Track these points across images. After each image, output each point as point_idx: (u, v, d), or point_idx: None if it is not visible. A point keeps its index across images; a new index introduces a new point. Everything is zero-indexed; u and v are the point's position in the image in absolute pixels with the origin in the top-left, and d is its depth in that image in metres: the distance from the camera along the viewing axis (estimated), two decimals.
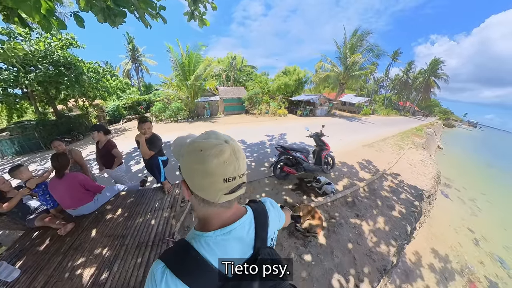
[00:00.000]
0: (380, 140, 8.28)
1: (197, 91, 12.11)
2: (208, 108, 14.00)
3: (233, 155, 0.41)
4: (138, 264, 1.54)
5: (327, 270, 2.05)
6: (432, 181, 4.73)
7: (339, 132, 9.17)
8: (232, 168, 0.40)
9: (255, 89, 14.88)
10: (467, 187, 7.67)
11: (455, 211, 5.68)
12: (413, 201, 3.53)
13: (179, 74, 11.35)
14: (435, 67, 27.67)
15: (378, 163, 5.17)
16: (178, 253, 0.43)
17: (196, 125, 10.62)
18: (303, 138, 6.63)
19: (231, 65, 20.53)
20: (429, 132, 14.50)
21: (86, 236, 1.87)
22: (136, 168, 4.42)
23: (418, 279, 2.98)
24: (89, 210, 2.15)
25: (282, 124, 10.89)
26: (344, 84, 17.78)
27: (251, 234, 0.49)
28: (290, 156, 3.56)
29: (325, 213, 2.86)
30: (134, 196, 2.47)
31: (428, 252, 3.67)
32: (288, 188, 3.52)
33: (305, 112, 15.67)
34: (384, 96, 34.57)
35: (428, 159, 6.54)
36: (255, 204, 0.57)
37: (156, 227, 1.94)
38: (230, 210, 0.47)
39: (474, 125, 58.88)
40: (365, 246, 2.40)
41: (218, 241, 0.44)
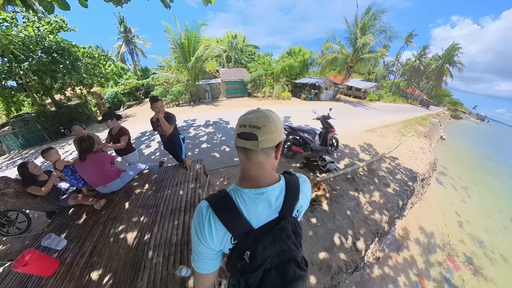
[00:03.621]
0: (383, 126, 8.67)
1: (198, 74, 11.85)
2: (210, 91, 13.90)
3: (254, 113, 0.53)
4: (176, 225, 1.78)
5: (330, 230, 2.54)
6: (428, 167, 5.21)
7: (343, 117, 9.53)
8: (249, 118, 0.52)
9: (258, 71, 14.58)
10: (461, 177, 8.25)
11: (446, 197, 6.26)
12: (407, 181, 4.01)
13: (178, 55, 10.99)
14: (451, 53, 26.65)
15: (378, 147, 5.59)
16: (219, 198, 0.55)
17: (200, 109, 10.73)
18: (307, 121, 6.91)
19: (232, 45, 19.66)
20: (434, 122, 14.83)
21: (120, 208, 2.07)
22: (148, 151, 4.73)
23: (404, 250, 3.58)
24: (118, 186, 2.36)
25: (286, 108, 11.09)
26: (352, 68, 17.40)
27: (279, 201, 0.56)
28: (298, 136, 3.88)
29: (328, 186, 3.31)
30: (157, 173, 2.70)
31: (416, 229, 4.23)
32: (296, 166, 3.94)
33: (310, 96, 15.70)
34: (393, 82, 34.01)
35: (428, 147, 6.99)
36: (290, 176, 0.63)
37: (185, 196, 2.17)
38: (258, 168, 0.55)
39: (482, 118, 59.10)
40: (362, 214, 2.90)
41: (252, 197, 0.54)
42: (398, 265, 3.25)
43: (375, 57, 16.73)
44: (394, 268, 3.17)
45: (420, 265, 3.42)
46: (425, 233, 4.24)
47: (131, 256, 1.54)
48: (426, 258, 3.63)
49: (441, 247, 4.08)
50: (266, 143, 0.51)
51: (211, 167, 3.75)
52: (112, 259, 1.53)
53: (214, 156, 4.37)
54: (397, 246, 3.61)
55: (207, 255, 0.55)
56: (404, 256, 3.45)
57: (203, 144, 5.05)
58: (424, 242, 4.01)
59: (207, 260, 0.56)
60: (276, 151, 0.57)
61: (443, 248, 4.06)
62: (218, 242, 0.53)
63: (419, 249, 3.77)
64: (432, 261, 3.63)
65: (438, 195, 6.07)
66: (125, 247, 1.62)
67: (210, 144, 5.05)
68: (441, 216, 5.10)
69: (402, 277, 3.07)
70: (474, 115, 62.65)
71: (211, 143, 5.15)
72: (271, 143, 0.53)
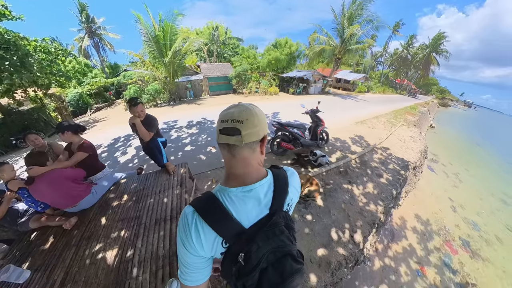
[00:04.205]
0: (373, 117, 9.17)
1: (177, 70, 11.53)
2: (191, 88, 13.63)
3: (236, 107, 0.55)
4: (161, 236, 1.75)
5: (326, 225, 2.63)
6: (419, 155, 5.57)
7: (333, 110, 9.92)
8: (230, 113, 0.53)
9: (242, 65, 14.61)
10: (452, 163, 8.92)
11: (439, 183, 6.73)
12: (399, 170, 4.27)
13: (153, 50, 10.59)
14: (438, 42, 28.65)
15: (369, 138, 5.89)
16: (205, 201, 0.55)
17: (181, 108, 10.50)
18: (296, 116, 7.09)
19: (213, 38, 19.46)
20: (423, 110, 15.85)
21: (96, 225, 1.97)
22: (124, 159, 4.55)
23: (402, 239, 3.82)
24: (90, 203, 2.19)
25: (274, 103, 11.24)
26: (340, 59, 18.07)
27: (268, 196, 0.57)
28: (287, 132, 3.97)
29: (321, 181, 3.42)
30: (136, 182, 2.60)
31: (412, 217, 4.53)
32: (287, 163, 4.02)
33: (298, 90, 16.03)
34: (381, 72, 35.78)
35: (418, 135, 7.47)
36: (277, 169, 0.65)
37: (170, 203, 2.13)
38: (244, 164, 0.56)
39: (469, 105, 64.40)
40: (357, 206, 3.04)
41: (239, 196, 0.54)
42: (398, 255, 3.46)
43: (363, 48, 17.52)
44: (394, 258, 3.37)
45: (420, 253, 3.66)
46: (421, 220, 4.54)
47: (112, 277, 1.47)
48: (424, 245, 3.89)
49: (437, 233, 4.39)
50: (250, 137, 0.52)
51: (197, 171, 3.72)
52: (89, 285, 1.45)
53: (199, 158, 4.32)
54: (395, 236, 3.83)
55: (196, 265, 0.55)
56: (403, 245, 3.68)
57: (187, 147, 4.98)
58: (421, 229, 4.29)
59: (197, 270, 0.55)
60: (261, 145, 0.58)
61: (439, 234, 4.37)
62: (208, 248, 0.53)
63: (417, 237, 4.03)
64: (431, 247, 3.91)
65: (430, 182, 6.50)
66: (104, 268, 1.54)
67: (195, 146, 4.99)
68: (435, 203, 5.48)
69: (403, 266, 3.27)
70: (461, 102, 67.79)
71: (196, 145, 5.10)
72: (255, 137, 0.54)
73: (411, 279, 3.13)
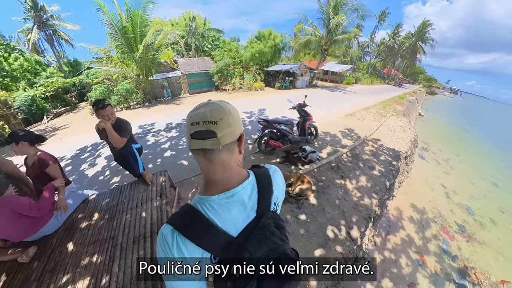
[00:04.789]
0: (363, 109, 9.56)
1: (150, 66, 11.12)
2: (168, 87, 13.25)
3: (206, 106, 0.52)
4: (142, 256, 1.67)
5: (321, 224, 2.69)
6: (409, 144, 5.89)
7: (321, 103, 10.19)
8: (200, 113, 0.50)
9: (224, 60, 14.48)
10: (442, 150, 9.54)
11: (431, 171, 7.15)
12: (391, 161, 4.48)
13: (121, 44, 10.04)
14: (423, 30, 30.46)
15: (359, 130, 6.13)
16: (185, 216, 0.52)
17: (158, 110, 10.15)
18: (284, 112, 7.17)
19: (190, 29, 19.01)
20: (411, 100, 16.81)
21: (61, 253, 1.80)
22: (93, 171, 4.30)
23: (400, 230, 4.00)
24: (53, 228, 2.01)
25: (260, 99, 11.28)
26: (327, 51, 18.60)
27: (253, 198, 0.57)
28: (275, 129, 4.00)
29: (313, 178, 3.49)
30: (109, 197, 2.46)
31: (408, 207, 4.77)
32: (276, 161, 4.05)
33: (285, 84, 16.24)
34: (369, 63, 37.40)
35: (407, 125, 7.91)
36: (259, 169, 0.65)
37: (150, 218, 2.04)
38: (223, 168, 0.55)
39: (455, 92, 69.99)
40: (351, 201, 3.14)
41: (222, 203, 0.53)
42: (397, 247, 3.62)
43: (349, 38, 18.17)
44: (394, 250, 3.53)
45: (418, 242, 3.87)
46: (417, 209, 4.79)
47: None
48: (422, 234, 4.12)
49: (434, 220, 4.67)
50: (227, 139, 0.51)
51: (179, 178, 3.63)
52: None
53: (181, 164, 4.22)
54: (393, 228, 4.02)
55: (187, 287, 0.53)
56: (401, 236, 3.86)
57: (167, 152, 4.84)
58: (418, 218, 4.53)
59: None
60: (238, 145, 0.57)
61: (436, 221, 4.65)
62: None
63: (414, 226, 4.25)
64: (428, 235, 4.15)
65: (423, 170, 6.88)
66: None
67: (175, 151, 4.86)
68: (429, 191, 5.82)
69: (403, 258, 3.43)
70: (448, 90, 73.09)
71: (176, 149, 4.97)
72: (232, 137, 0.53)
73: (412, 270, 3.29)
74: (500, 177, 8.00)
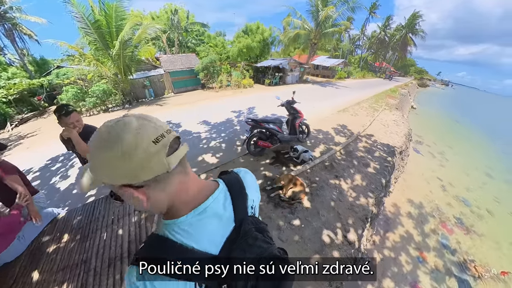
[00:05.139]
0: (355, 104, 9.69)
1: (129, 64, 10.74)
2: (150, 86, 12.92)
3: (141, 119, 0.44)
4: (118, 281, 1.56)
5: (317, 229, 2.62)
6: (403, 139, 5.98)
7: (312, 99, 10.28)
8: (151, 128, 0.43)
9: (210, 56, 14.30)
10: (436, 142, 9.91)
11: (426, 165, 7.38)
12: (386, 157, 4.50)
13: (95, 39, 9.59)
14: (413, 22, 31.56)
15: (352, 126, 6.17)
16: (152, 250, 0.46)
17: (139, 111, 9.83)
18: (275, 110, 7.12)
19: (173, 23, 18.58)
20: (403, 93, 17.26)
21: (25, 283, 1.69)
22: (66, 185, 4.03)
23: (398, 227, 4.09)
24: (16, 253, 1.89)
25: (249, 97, 11.23)
26: (316, 44, 18.77)
27: (228, 208, 0.54)
28: (263, 129, 3.92)
29: (306, 180, 3.42)
30: (81, 214, 2.34)
31: (405, 203, 4.89)
32: (266, 163, 3.96)
33: (274, 80, 16.25)
34: (360, 56, 38.23)
35: (401, 118, 8.06)
36: (227, 175, 0.63)
37: (127, 235, 1.94)
38: (194, 181, 0.52)
39: (446, 83, 73.52)
40: (347, 202, 3.10)
41: (194, 222, 0.48)
42: (396, 244, 3.69)
43: (339, 31, 18.41)
44: (393, 248, 3.59)
45: (417, 238, 3.96)
46: (414, 204, 4.92)
47: None
48: (421, 230, 4.22)
49: (432, 214, 4.81)
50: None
51: None
52: None
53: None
54: (391, 225, 4.08)
55: None
56: (399, 233, 3.94)
57: None
58: (415, 213, 4.65)
59: None
60: None
61: (434, 215, 4.80)
62: None
63: (412, 222, 4.36)
64: (427, 231, 4.26)
65: (418, 164, 7.07)
66: None
67: None
68: (425, 184, 6.00)
69: (403, 255, 3.50)
70: (439, 81, 76.33)
71: None
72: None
73: (413, 267, 3.35)
74: (493, 166, 8.41)
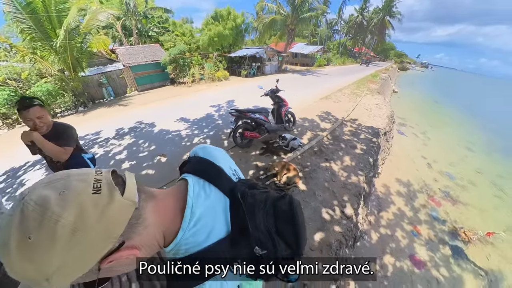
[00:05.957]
0: (337, 91, 10.54)
1: (79, 58, 9.70)
2: (108, 84, 12.14)
3: (51, 185, 0.36)
4: None
5: (315, 208, 3.03)
6: (386, 120, 6.74)
7: (294, 88, 10.87)
8: (76, 182, 0.37)
9: (178, 46, 13.92)
10: (419, 123, 11.15)
11: (411, 145, 8.36)
12: (371, 138, 5.15)
13: (29, 27, 8.18)
14: (390, 4, 34.08)
15: (337, 112, 6.83)
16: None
17: (98, 114, 9.26)
18: (256, 101, 7.44)
19: (128, 8, 17.28)
20: (384, 77, 18.72)
21: None
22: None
23: (391, 205, 4.71)
24: None
25: (225, 90, 11.48)
26: (293, 31, 19.45)
27: (213, 190, 0.54)
28: (249, 119, 4.20)
29: (298, 165, 3.83)
30: None
31: (394, 182, 5.58)
32: (256, 153, 4.30)
33: (252, 71, 16.59)
34: (339, 42, 40.32)
35: (383, 102, 8.96)
36: (187, 165, 0.60)
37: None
38: (164, 196, 0.50)
39: (426, 65, 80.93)
40: (339, 181, 3.59)
41: (191, 228, 0.46)
42: (391, 222, 4.29)
43: (316, 16, 19.22)
44: (388, 226, 4.17)
45: (409, 214, 4.62)
46: (403, 183, 5.64)
47: None
48: (411, 206, 4.91)
49: (420, 191, 5.59)
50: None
51: None
52: None
53: (147, 174, 4.14)
54: (384, 204, 4.69)
55: None
56: (392, 211, 4.56)
57: (124, 163, 4.65)
58: (405, 191, 5.36)
59: None
60: None
61: (422, 191, 5.57)
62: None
63: (403, 199, 5.03)
64: (417, 206, 4.96)
65: (403, 145, 7.99)
66: None
67: (135, 160, 4.72)
68: (411, 164, 6.86)
69: (398, 231, 4.09)
70: (418, 64, 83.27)
71: (136, 157, 4.82)
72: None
73: (409, 241, 3.95)
74: (472, 140, 9.85)
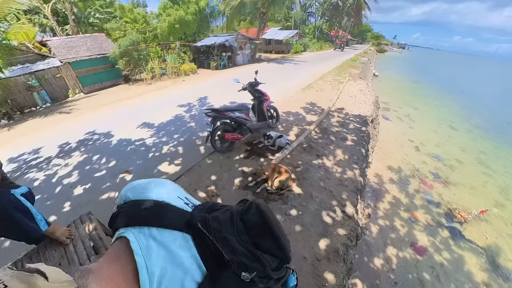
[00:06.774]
0: (319, 78, 10.87)
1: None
2: (40, 87, 10.46)
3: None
4: None
5: (315, 212, 3.04)
6: (372, 107, 7.09)
7: (272, 80, 10.73)
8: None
9: (130, 36, 12.95)
10: (402, 106, 11.96)
11: (397, 129, 8.90)
12: (360, 127, 5.36)
13: None
14: None
15: (321, 103, 7.02)
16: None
17: (30, 128, 7.86)
18: (232, 97, 7.34)
19: None
20: (364, 61, 19.66)
21: None
22: None
23: (385, 195, 4.96)
24: None
25: (195, 86, 11.13)
26: (265, 14, 19.48)
27: (166, 237, 0.51)
28: (227, 119, 4.07)
29: (289, 166, 3.83)
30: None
31: (386, 170, 5.90)
32: (240, 157, 4.20)
33: (222, 62, 16.39)
34: (314, 25, 41.41)
35: (366, 87, 9.42)
36: (120, 215, 0.56)
37: None
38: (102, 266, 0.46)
39: (403, 46, 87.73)
40: (335, 178, 3.66)
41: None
42: (388, 212, 4.52)
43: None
44: (386, 216, 4.40)
45: (405, 201, 4.92)
46: (394, 170, 6.00)
47: None
48: (405, 192, 5.23)
49: (412, 176, 5.98)
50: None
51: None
52: None
53: (108, 199, 3.75)
54: (379, 195, 4.94)
55: None
56: (388, 201, 4.81)
57: (77, 188, 4.12)
58: (397, 178, 5.70)
59: None
60: None
61: (413, 176, 5.96)
62: None
63: (396, 187, 5.35)
64: (411, 192, 5.30)
65: (389, 130, 8.50)
66: None
67: (91, 183, 4.22)
68: (400, 149, 7.32)
69: (397, 220, 4.32)
70: (396, 45, 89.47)
71: (92, 179, 4.33)
72: None
73: (408, 229, 4.20)
74: (454, 119, 10.87)
